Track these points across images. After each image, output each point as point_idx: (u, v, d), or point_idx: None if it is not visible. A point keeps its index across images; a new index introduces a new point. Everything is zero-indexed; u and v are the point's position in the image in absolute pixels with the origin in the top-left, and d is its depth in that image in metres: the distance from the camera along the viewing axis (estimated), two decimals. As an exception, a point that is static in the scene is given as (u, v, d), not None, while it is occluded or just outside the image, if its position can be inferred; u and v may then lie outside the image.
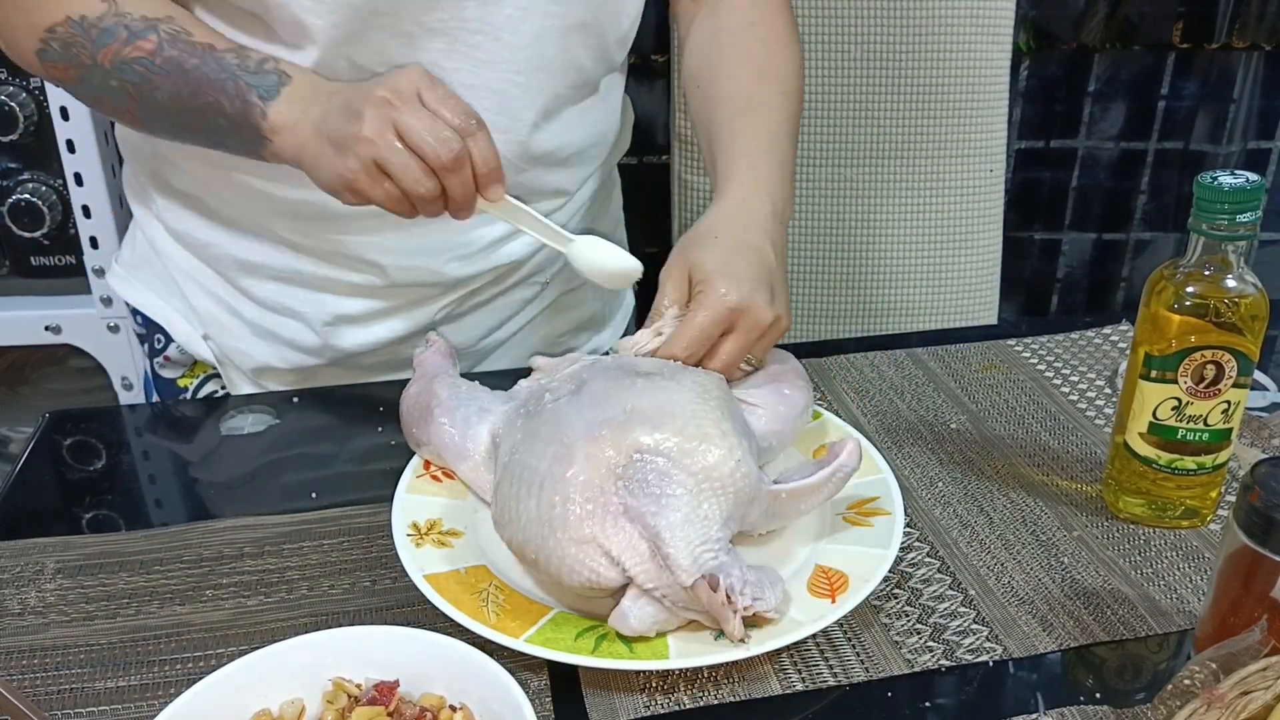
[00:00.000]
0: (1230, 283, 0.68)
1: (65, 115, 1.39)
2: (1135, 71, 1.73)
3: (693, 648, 0.62)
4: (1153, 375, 0.71)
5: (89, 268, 1.47)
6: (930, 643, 0.66)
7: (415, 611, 0.67)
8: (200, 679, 0.55)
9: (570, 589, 0.65)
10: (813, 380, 0.81)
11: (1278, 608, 0.58)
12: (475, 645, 0.57)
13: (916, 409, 0.90)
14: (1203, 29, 1.69)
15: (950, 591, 0.70)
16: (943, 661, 0.64)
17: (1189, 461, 0.72)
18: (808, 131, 1.33)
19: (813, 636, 0.65)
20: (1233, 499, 0.61)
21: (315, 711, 0.58)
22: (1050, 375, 0.94)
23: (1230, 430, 0.71)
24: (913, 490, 0.80)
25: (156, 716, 0.53)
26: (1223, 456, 0.73)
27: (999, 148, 1.36)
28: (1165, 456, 0.72)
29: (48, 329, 1.50)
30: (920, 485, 0.80)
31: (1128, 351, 0.85)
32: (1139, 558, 0.73)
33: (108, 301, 1.49)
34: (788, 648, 0.64)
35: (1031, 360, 0.97)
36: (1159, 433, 0.72)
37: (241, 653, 0.58)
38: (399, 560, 0.68)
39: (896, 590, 0.70)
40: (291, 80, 0.77)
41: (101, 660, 0.65)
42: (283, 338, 0.96)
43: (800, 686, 0.63)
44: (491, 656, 0.56)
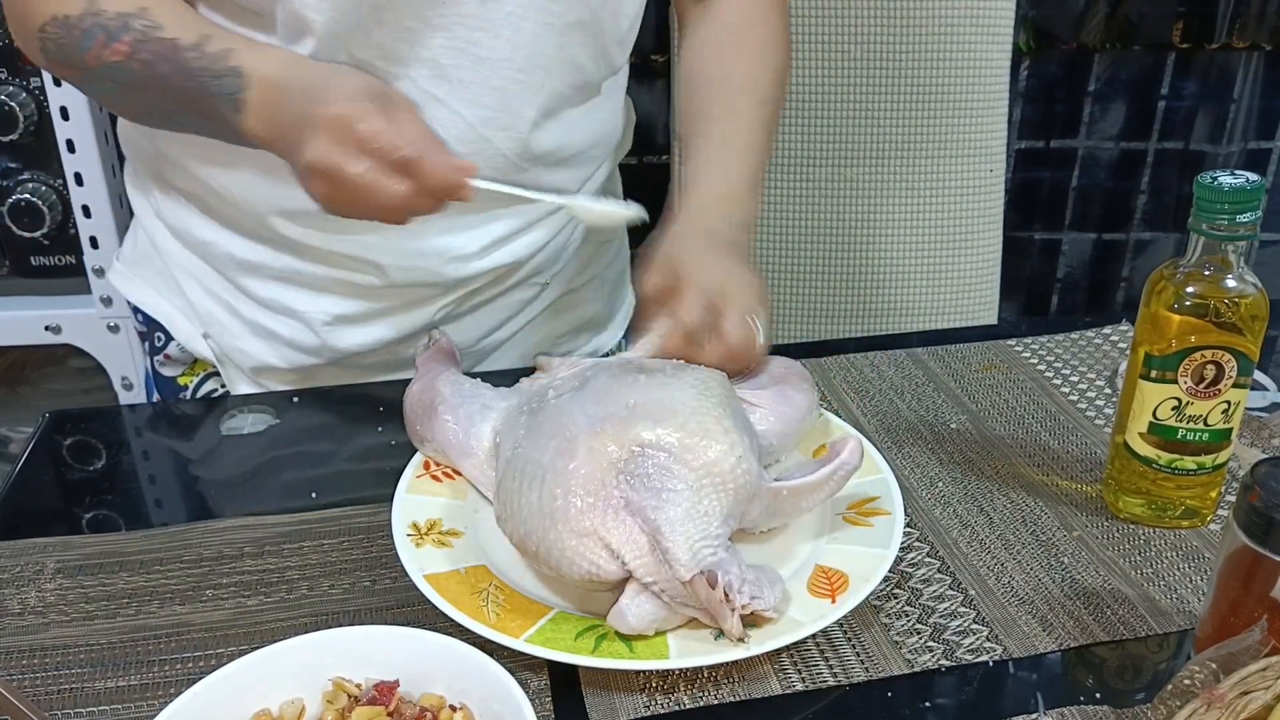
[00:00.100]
0: (1230, 283, 0.68)
1: (65, 115, 1.39)
2: (1135, 71, 1.73)
3: (693, 647, 0.62)
4: (1153, 375, 0.71)
5: (89, 268, 1.47)
6: (930, 643, 0.66)
7: (415, 611, 0.67)
8: (200, 679, 0.55)
9: (571, 582, 0.65)
10: (814, 381, 0.81)
11: (1278, 608, 0.58)
12: (475, 645, 0.57)
13: (916, 409, 0.90)
14: (1203, 29, 1.69)
15: (950, 591, 0.70)
16: (943, 661, 0.64)
17: (1189, 461, 0.72)
18: (808, 131, 1.34)
19: (813, 636, 0.65)
20: (1233, 499, 0.61)
21: (315, 711, 0.58)
22: (1050, 375, 0.94)
23: (1230, 430, 0.71)
24: (913, 490, 0.80)
25: (156, 716, 0.53)
26: (1223, 456, 0.73)
27: (999, 148, 1.36)
28: (1165, 456, 0.72)
29: (48, 329, 1.50)
30: (920, 485, 0.80)
31: (1128, 351, 0.85)
32: (1139, 558, 0.73)
33: (108, 301, 1.49)
34: (788, 648, 0.64)
35: (1031, 360, 0.97)
36: (1159, 433, 0.72)
37: (241, 653, 0.58)
38: (399, 560, 0.68)
39: (896, 590, 0.70)
40: (248, 89, 0.74)
41: (101, 660, 0.65)
42: (282, 337, 0.96)
43: (800, 686, 0.63)
44: (491, 656, 0.56)
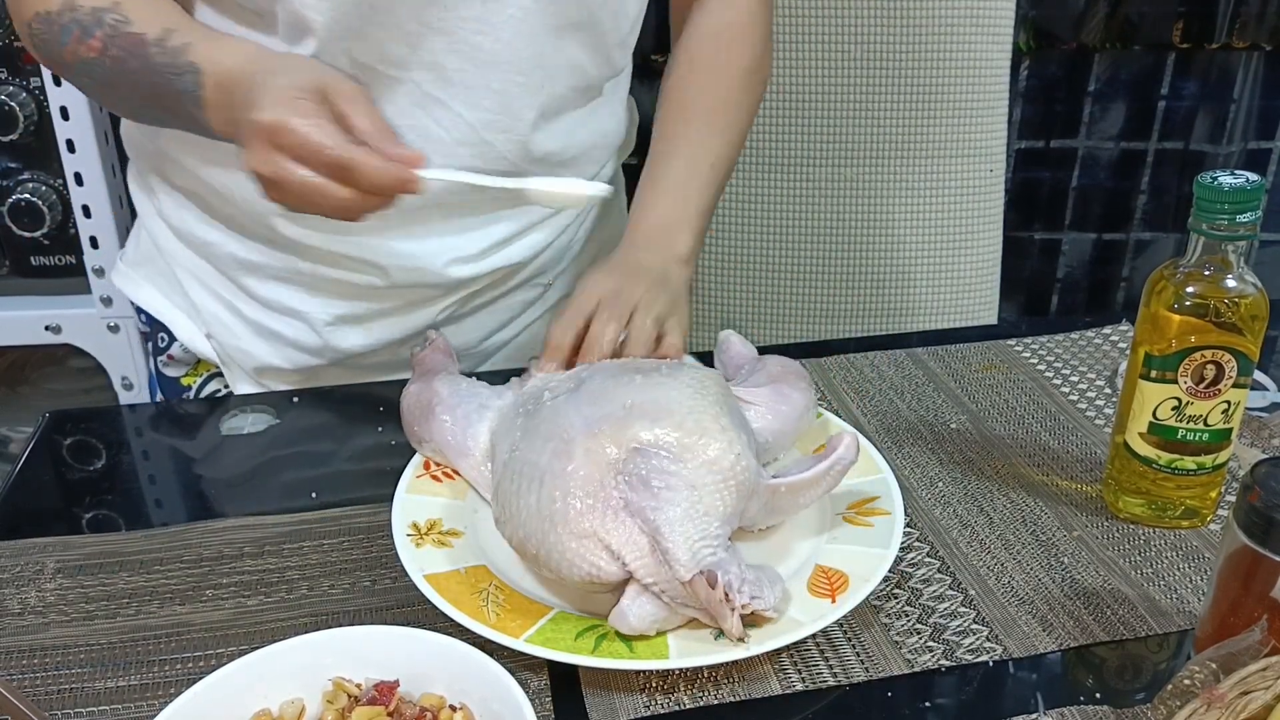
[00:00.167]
0: (1230, 283, 0.68)
1: (65, 115, 1.39)
2: (1135, 71, 1.72)
3: (693, 647, 0.62)
4: (1153, 375, 0.71)
5: (89, 267, 1.47)
6: (930, 643, 0.66)
7: (415, 611, 0.67)
8: (200, 679, 0.55)
9: (571, 584, 0.65)
10: (813, 380, 0.81)
11: (1278, 608, 0.58)
12: (475, 645, 0.57)
13: (916, 409, 0.90)
14: (1203, 29, 1.68)
15: (950, 591, 0.70)
16: (943, 661, 0.64)
17: (1189, 461, 0.72)
18: (808, 131, 1.33)
19: (813, 636, 0.65)
20: (1233, 499, 0.61)
21: (315, 711, 0.58)
22: (1050, 375, 0.94)
23: (1230, 430, 0.71)
24: (913, 490, 0.80)
25: (156, 716, 0.53)
26: (1223, 456, 0.73)
27: (999, 148, 1.36)
28: (1165, 456, 0.72)
29: (48, 329, 1.50)
30: (920, 485, 0.80)
31: (1128, 351, 0.85)
32: (1139, 558, 0.73)
33: (108, 301, 1.49)
34: (788, 648, 0.64)
35: (1031, 360, 0.97)
36: (1159, 433, 0.72)
37: (241, 653, 0.58)
38: (399, 560, 0.68)
39: (896, 590, 0.70)
40: (203, 86, 0.74)
41: (101, 660, 0.65)
42: (284, 338, 0.96)
43: (800, 686, 0.63)
44: (491, 656, 0.56)
